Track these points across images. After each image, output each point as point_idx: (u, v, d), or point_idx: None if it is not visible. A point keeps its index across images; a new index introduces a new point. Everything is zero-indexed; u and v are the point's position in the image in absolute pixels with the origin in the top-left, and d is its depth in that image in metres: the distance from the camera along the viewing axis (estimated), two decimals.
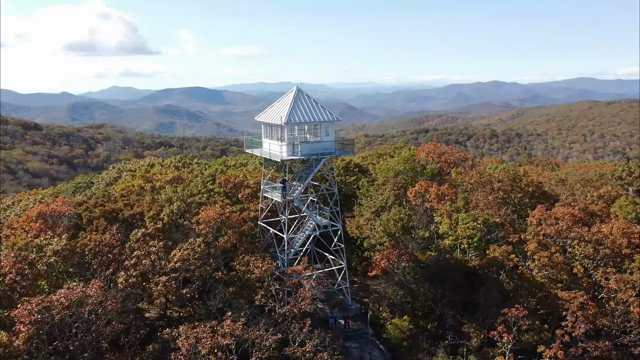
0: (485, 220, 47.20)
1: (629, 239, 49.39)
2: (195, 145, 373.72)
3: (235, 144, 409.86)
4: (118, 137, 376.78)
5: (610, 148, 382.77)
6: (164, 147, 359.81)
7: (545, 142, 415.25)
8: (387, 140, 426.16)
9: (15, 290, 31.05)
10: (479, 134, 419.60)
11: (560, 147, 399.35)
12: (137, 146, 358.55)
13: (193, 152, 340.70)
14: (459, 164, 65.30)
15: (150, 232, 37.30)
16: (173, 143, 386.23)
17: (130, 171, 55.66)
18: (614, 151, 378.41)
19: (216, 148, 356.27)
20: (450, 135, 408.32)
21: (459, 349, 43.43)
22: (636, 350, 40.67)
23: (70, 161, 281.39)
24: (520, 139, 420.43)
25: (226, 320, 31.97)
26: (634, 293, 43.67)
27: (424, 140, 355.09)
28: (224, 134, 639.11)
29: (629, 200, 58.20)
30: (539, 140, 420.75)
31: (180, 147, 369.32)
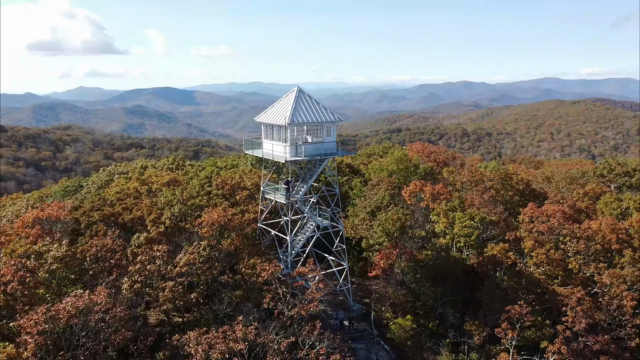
0: (482, 219, 47.80)
1: (617, 234, 50.80)
2: (167, 147, 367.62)
3: (207, 144, 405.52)
4: (87, 138, 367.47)
5: (577, 146, 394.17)
6: (134, 149, 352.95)
7: (514, 140, 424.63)
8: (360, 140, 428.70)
9: (18, 300, 29.80)
10: (450, 133, 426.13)
11: (529, 145, 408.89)
12: (107, 148, 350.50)
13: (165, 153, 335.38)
14: (448, 163, 66.02)
15: (153, 236, 36.37)
16: (144, 144, 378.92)
17: (122, 174, 54.08)
18: (580, 149, 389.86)
19: (189, 149, 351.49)
20: (423, 134, 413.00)
21: (460, 346, 43.88)
22: (632, 343, 41.81)
23: (38, 164, 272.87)
24: (491, 138, 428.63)
25: (238, 325, 31.42)
26: (625, 287, 44.88)
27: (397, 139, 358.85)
28: (195, 134, 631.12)
29: (613, 197, 59.84)
30: (508, 139, 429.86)
31: (151, 148, 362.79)
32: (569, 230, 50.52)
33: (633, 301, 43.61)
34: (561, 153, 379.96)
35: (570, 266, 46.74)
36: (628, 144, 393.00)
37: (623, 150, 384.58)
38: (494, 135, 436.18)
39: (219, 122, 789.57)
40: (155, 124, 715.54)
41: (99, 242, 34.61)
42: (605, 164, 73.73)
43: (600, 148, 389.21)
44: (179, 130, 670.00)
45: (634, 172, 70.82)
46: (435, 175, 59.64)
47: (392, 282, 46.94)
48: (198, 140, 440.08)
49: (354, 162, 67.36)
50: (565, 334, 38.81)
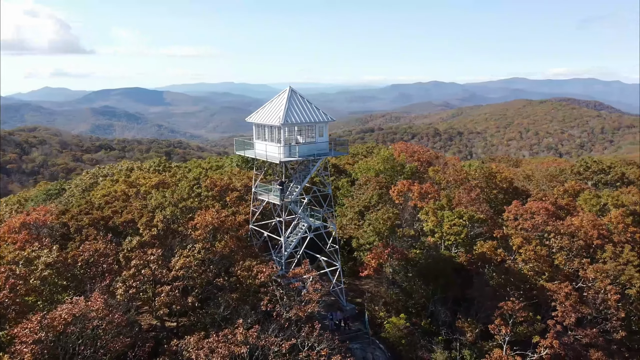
0: (470, 217, 48.42)
1: (598, 230, 52.26)
2: (138, 148, 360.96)
3: (179, 145, 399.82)
4: (54, 140, 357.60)
5: (544, 144, 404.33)
6: (104, 150, 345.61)
7: (484, 139, 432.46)
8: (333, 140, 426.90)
9: (9, 308, 28.70)
10: (422, 133, 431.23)
11: (498, 144, 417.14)
12: (76, 149, 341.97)
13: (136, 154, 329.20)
14: (431, 162, 66.71)
15: (145, 239, 35.55)
16: (114, 146, 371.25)
17: (107, 176, 52.65)
18: (548, 147, 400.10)
19: (160, 150, 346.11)
20: (395, 134, 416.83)
21: (452, 343, 44.34)
22: (618, 335, 43.01)
23: (3, 166, 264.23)
24: (462, 137, 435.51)
25: (239, 328, 30.99)
26: (609, 281, 46.17)
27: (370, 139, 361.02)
28: (165, 135, 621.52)
29: (592, 194, 61.49)
30: (478, 138, 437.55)
31: (121, 150, 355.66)
32: (552, 227, 51.69)
33: (617, 295, 44.94)
34: (530, 151, 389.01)
35: (556, 262, 47.83)
36: (593, 142, 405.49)
37: (588, 148, 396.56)
38: (464, 134, 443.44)
39: (190, 123, 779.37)
40: (124, 125, 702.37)
41: (90, 246, 33.64)
42: (581, 161, 75.79)
43: (566, 146, 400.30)
44: (149, 131, 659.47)
45: (609, 169, 73.00)
46: (420, 175, 60.16)
47: (384, 281, 47.14)
48: (169, 141, 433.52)
49: (339, 162, 67.41)
50: (556, 329, 39.69)
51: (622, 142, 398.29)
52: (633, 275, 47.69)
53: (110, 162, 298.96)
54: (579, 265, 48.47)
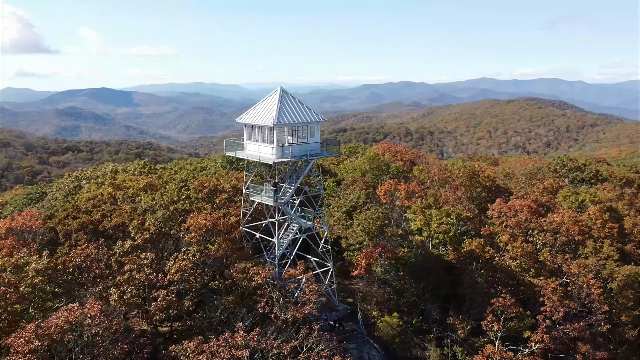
0: (458, 215, 49.06)
1: (579, 226, 53.73)
2: (107, 150, 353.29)
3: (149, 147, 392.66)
4: (18, 142, 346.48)
5: (513, 143, 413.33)
6: (71, 152, 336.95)
7: (455, 139, 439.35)
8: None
9: (1, 317, 27.64)
10: (394, 132, 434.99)
11: (468, 143, 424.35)
12: (42, 152, 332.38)
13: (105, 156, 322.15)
14: (415, 162, 67.32)
15: (138, 243, 34.74)
16: (81, 147, 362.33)
17: (91, 179, 51.08)
18: (516, 146, 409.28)
19: (130, 152, 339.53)
20: (368, 134, 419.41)
21: (444, 340, 44.87)
22: (603, 328, 44.25)
23: None
24: (433, 137, 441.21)
25: (238, 331, 30.60)
26: (592, 276, 47.46)
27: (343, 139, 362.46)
28: (134, 136, 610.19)
29: (570, 191, 63.16)
30: (449, 137, 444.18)
31: (89, 151, 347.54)
32: (536, 224, 52.90)
33: (600, 289, 46.24)
34: (499, 150, 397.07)
35: (541, 258, 48.92)
36: (559, 141, 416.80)
37: (555, 146, 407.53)
38: (435, 133, 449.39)
39: (159, 124, 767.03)
40: (91, 126, 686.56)
41: (82, 251, 32.67)
42: (557, 159, 77.76)
43: (534, 145, 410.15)
44: (117, 133, 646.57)
45: (584, 167, 75.10)
46: (405, 174, 60.65)
47: (375, 280, 47.31)
48: (139, 143, 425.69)
49: (323, 162, 67.35)
50: (546, 323, 40.55)
51: (586, 141, 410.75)
52: (614, 269, 49.21)
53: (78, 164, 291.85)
54: (562, 260, 49.70)
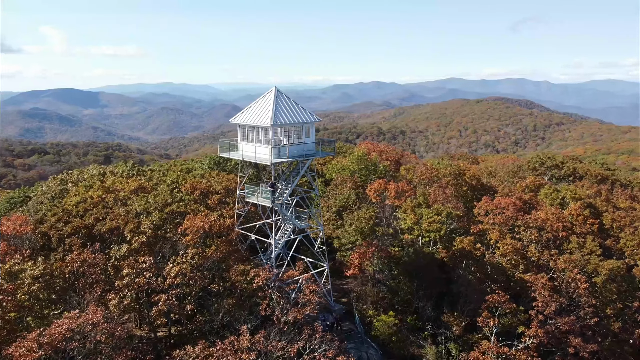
0: (448, 214, 49.67)
1: (562, 223, 55.10)
2: (75, 152, 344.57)
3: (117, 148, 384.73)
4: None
5: (483, 142, 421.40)
6: (37, 155, 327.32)
7: (426, 138, 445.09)
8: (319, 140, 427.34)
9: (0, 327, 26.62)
10: (366, 132, 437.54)
11: (439, 142, 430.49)
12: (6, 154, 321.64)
13: (72, 158, 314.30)
14: (399, 161, 67.91)
15: (135, 247, 33.94)
16: (47, 149, 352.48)
17: (77, 182, 49.45)
18: (486, 145, 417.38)
19: (99, 154, 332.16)
20: (341, 134, 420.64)
21: (438, 338, 45.36)
22: (591, 321, 45.44)
23: None
24: (405, 136, 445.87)
25: (243, 335, 30.26)
26: (578, 271, 48.71)
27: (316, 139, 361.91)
28: (102, 138, 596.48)
29: (552, 189, 64.71)
30: (420, 136, 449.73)
31: (56, 154, 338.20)
32: (522, 221, 53.99)
33: (586, 283, 47.49)
34: (469, 149, 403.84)
35: (529, 254, 49.94)
36: (527, 140, 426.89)
37: (523, 145, 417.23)
38: (407, 133, 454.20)
39: (127, 125, 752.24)
40: (56, 128, 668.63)
41: (78, 256, 31.72)
42: (536, 157, 79.60)
43: (503, 143, 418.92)
44: (83, 134, 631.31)
45: (562, 164, 77.11)
46: (392, 174, 61.07)
47: (369, 280, 47.48)
48: (108, 144, 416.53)
49: None
50: (538, 318, 41.42)
51: (552, 139, 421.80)
52: (598, 264, 50.63)
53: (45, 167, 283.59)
54: (548, 256, 50.88)
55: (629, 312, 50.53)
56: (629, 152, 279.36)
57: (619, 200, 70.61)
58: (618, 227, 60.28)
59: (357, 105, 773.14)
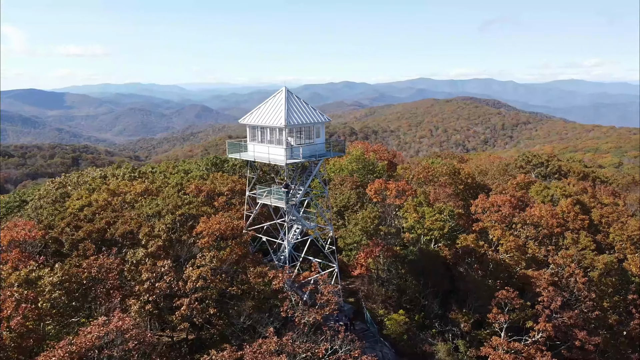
0: (450, 212, 50.30)
1: (556, 219, 56.52)
2: (41, 154, 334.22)
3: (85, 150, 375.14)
4: None
5: (453, 141, 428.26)
6: (1, 157, 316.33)
7: (398, 137, 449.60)
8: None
9: (25, 336, 25.60)
10: (339, 132, 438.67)
11: (411, 142, 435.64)
12: None
13: (39, 161, 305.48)
14: (392, 160, 68.40)
15: (152, 250, 33.15)
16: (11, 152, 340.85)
17: (78, 185, 47.77)
18: (456, 144, 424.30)
19: (66, 156, 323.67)
20: None
21: (445, 335, 45.87)
22: (592, 315, 46.75)
23: None
24: (377, 136, 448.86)
25: (270, 337, 29.93)
26: (576, 266, 50.08)
27: None
28: (67, 140, 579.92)
29: (542, 186, 66.30)
30: (392, 136, 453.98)
31: (21, 156, 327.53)
32: (519, 218, 55.13)
33: (584, 277, 48.85)
34: (440, 148, 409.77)
35: (530, 250, 51.03)
36: (495, 138, 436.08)
37: (492, 143, 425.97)
38: (379, 132, 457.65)
39: (94, 126, 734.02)
40: (19, 130, 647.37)
41: (95, 262, 30.79)
42: (523, 156, 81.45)
43: (473, 142, 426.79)
44: (48, 136, 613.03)
45: (548, 162, 79.11)
46: (389, 173, 61.47)
47: (375, 279, 47.62)
48: (74, 146, 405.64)
49: None
50: (545, 313, 42.35)
51: (520, 138, 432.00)
52: (593, 258, 52.12)
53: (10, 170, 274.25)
54: (545, 252, 52.12)
55: (623, 305, 52.20)
56: (594, 149, 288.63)
57: (602, 196, 72.89)
58: (606, 223, 62.20)
59: (328, 105, 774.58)
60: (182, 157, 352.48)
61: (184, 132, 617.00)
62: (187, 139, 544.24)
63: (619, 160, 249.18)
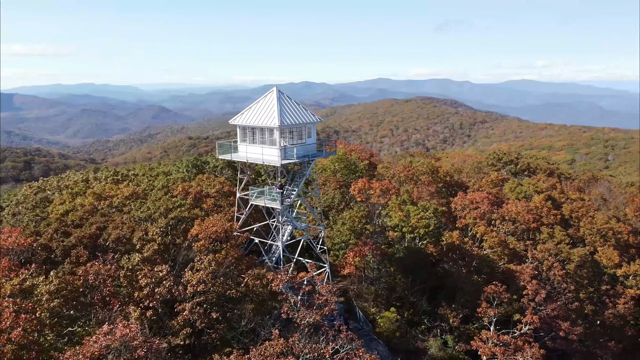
0: (435, 210, 51.16)
1: (532, 215, 58.43)
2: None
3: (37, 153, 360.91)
4: None
5: (413, 140, 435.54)
6: None
7: (359, 137, 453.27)
8: (212, 142, 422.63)
9: (26, 349, 24.41)
10: None
11: (372, 141, 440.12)
12: None
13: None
14: (371, 160, 68.95)
15: (148, 255, 32.20)
16: None
17: (58, 189, 45.56)
18: (417, 143, 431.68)
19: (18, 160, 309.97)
20: None
21: (433, 330, 46.65)
22: (573, 305, 48.56)
23: None
24: (339, 136, 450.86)
25: (276, 339, 29.67)
26: (554, 260, 51.91)
27: None
28: (17, 143, 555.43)
29: (516, 183, 68.34)
30: (354, 136, 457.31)
31: None
32: (498, 215, 56.65)
33: (562, 270, 50.71)
34: (401, 147, 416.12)
35: (511, 246, 52.53)
36: (454, 137, 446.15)
37: (451, 142, 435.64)
38: (341, 132, 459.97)
39: (46, 128, 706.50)
40: None
41: (91, 268, 29.67)
42: (493, 154, 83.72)
43: (432, 141, 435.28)
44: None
45: (517, 160, 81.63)
46: (371, 172, 61.96)
47: (366, 278, 47.91)
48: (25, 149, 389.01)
49: None
50: (532, 305, 43.75)
51: (477, 137, 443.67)
52: (569, 252, 54.18)
53: None
54: (524, 247, 53.81)
55: (597, 295, 54.49)
56: (548, 147, 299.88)
57: (569, 192, 75.77)
58: (576, 217, 64.70)
59: None
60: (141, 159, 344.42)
61: (141, 133, 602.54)
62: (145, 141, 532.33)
63: (572, 157, 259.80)
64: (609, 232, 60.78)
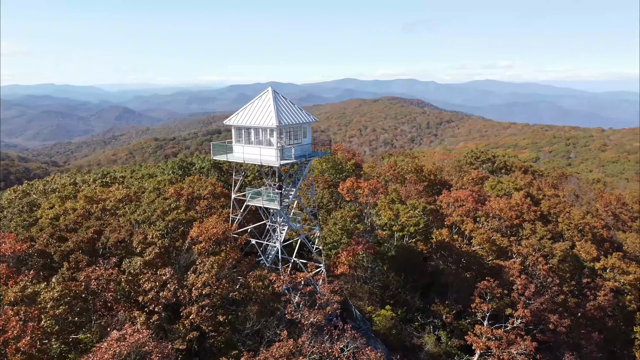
0: (423, 208, 51.85)
1: (514, 211, 59.94)
2: None
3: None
4: None
5: (382, 140, 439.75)
6: None
7: (328, 137, 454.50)
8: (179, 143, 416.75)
9: (35, 358, 23.58)
10: None
11: (342, 141, 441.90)
12: None
13: None
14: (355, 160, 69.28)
15: (150, 259, 31.50)
16: None
17: (44, 193, 43.74)
18: (385, 142, 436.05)
19: None
20: None
21: (427, 327, 47.27)
22: (559, 299, 49.99)
23: None
24: None
25: (284, 340, 29.56)
26: (538, 255, 53.35)
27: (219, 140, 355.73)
28: None
29: (496, 180, 69.93)
30: (323, 136, 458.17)
31: None
32: (482, 212, 57.86)
33: (546, 265, 52.18)
34: (370, 147, 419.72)
35: (497, 242, 53.71)
36: (421, 137, 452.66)
37: (418, 142, 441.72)
38: None
39: (3, 131, 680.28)
40: None
41: (93, 273, 28.82)
42: (471, 152, 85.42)
43: (400, 141, 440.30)
44: None
45: (494, 158, 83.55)
46: (357, 172, 62.29)
47: (356, 276, 48.12)
48: None
49: None
50: (522, 300, 44.83)
51: (444, 136, 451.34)
52: (552, 247, 55.81)
53: None
54: (509, 242, 55.12)
55: (578, 288, 56.29)
56: (513, 145, 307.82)
57: (544, 188, 78.09)
58: (554, 213, 66.73)
59: None
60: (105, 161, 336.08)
61: (104, 135, 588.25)
62: (109, 143, 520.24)
63: (536, 155, 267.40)
64: (585, 227, 62.93)
